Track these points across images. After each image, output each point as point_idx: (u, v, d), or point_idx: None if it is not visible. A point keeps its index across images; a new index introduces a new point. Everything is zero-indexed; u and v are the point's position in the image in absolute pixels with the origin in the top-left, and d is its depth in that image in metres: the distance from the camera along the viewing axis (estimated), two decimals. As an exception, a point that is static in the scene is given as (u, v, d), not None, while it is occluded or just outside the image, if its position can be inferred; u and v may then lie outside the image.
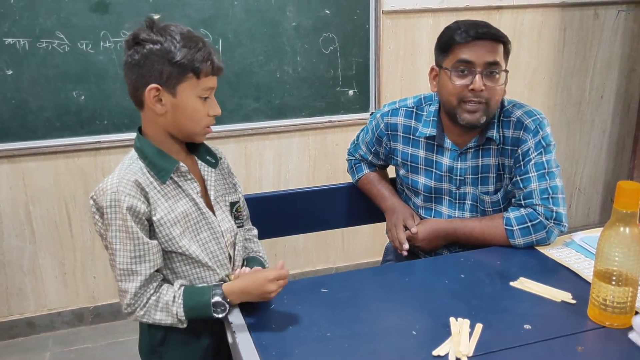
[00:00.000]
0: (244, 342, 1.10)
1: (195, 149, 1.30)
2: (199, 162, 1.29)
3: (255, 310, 1.21)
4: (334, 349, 1.07)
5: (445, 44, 1.44)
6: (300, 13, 2.41)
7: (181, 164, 1.21)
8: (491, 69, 1.39)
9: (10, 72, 2.15)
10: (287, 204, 1.77)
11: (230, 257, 1.31)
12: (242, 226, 1.37)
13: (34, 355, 2.35)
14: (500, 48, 1.41)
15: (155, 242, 1.18)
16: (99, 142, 2.30)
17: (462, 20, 1.44)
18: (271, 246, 2.70)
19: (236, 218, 1.35)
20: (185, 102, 1.17)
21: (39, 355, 2.35)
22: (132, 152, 1.23)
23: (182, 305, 1.17)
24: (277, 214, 1.75)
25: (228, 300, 1.18)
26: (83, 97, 2.24)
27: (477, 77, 1.38)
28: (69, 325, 2.52)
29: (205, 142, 1.38)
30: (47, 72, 2.18)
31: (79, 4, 2.15)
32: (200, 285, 1.25)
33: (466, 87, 1.40)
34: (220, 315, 1.17)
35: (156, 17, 2.23)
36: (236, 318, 1.19)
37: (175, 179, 1.22)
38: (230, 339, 1.18)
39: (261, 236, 1.73)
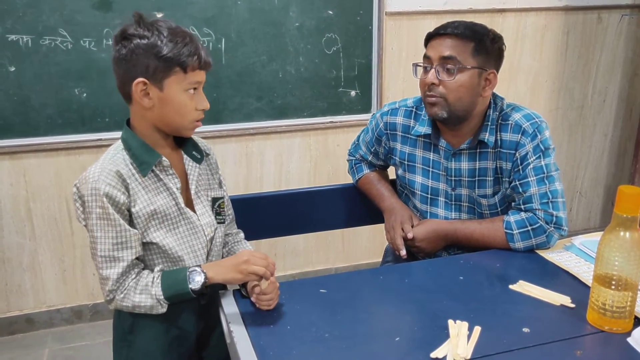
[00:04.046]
0: (241, 342, 1.10)
1: (183, 143, 1.30)
2: (185, 156, 1.30)
3: (254, 310, 1.21)
4: (332, 349, 1.07)
5: (425, 40, 1.48)
6: (303, 13, 2.41)
7: (163, 158, 1.22)
8: (446, 64, 1.40)
9: (12, 69, 2.15)
10: (288, 204, 1.77)
11: (208, 252, 1.31)
12: (222, 222, 1.36)
13: (33, 352, 2.35)
14: (467, 45, 1.40)
15: (135, 230, 1.19)
16: (101, 139, 2.30)
17: (452, 20, 1.45)
18: (271, 246, 2.70)
19: (217, 214, 1.35)
20: (172, 96, 1.17)
21: (37, 351, 2.35)
22: (118, 142, 1.24)
23: (160, 285, 1.18)
24: (277, 214, 1.75)
25: (204, 272, 1.18)
26: (85, 95, 2.24)
27: (431, 71, 1.42)
28: (68, 322, 2.52)
29: (205, 139, 1.38)
30: (49, 69, 2.18)
31: (82, 1, 2.15)
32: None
33: (424, 81, 1.44)
34: (196, 287, 1.17)
35: (159, 15, 2.24)
36: (234, 318, 1.19)
37: (157, 172, 1.22)
38: (228, 339, 1.18)
39: (261, 236, 1.73)
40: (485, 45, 1.41)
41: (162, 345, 1.27)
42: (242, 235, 1.47)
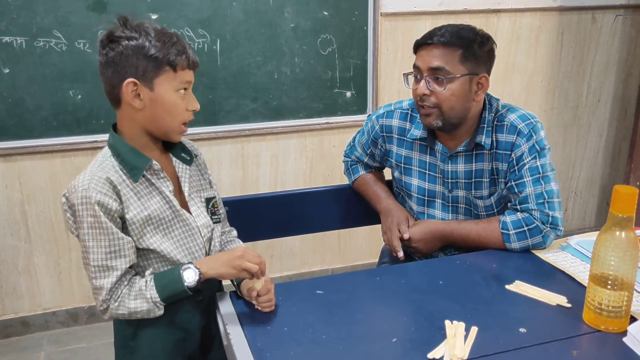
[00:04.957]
0: (238, 344, 1.10)
1: (171, 146, 1.29)
2: (174, 159, 1.29)
3: (251, 312, 1.21)
4: (329, 351, 1.07)
5: (413, 49, 1.48)
6: (298, 14, 2.41)
7: (154, 161, 1.21)
8: (435, 75, 1.40)
9: (7, 71, 2.14)
10: (284, 205, 1.76)
11: (207, 253, 1.30)
12: (218, 222, 1.36)
13: (29, 355, 2.34)
14: (454, 52, 1.39)
15: (129, 238, 1.17)
16: (96, 141, 2.30)
17: (438, 27, 1.44)
18: (267, 247, 2.70)
19: (212, 214, 1.34)
20: (163, 96, 1.17)
21: (33, 354, 2.34)
22: (105, 149, 1.22)
23: (154, 287, 1.16)
24: (273, 215, 1.75)
25: (198, 267, 1.17)
26: (80, 97, 2.23)
27: (421, 82, 1.42)
28: (64, 324, 2.51)
29: (200, 141, 1.38)
30: (44, 70, 2.17)
31: (76, 3, 2.15)
32: None
33: (416, 93, 1.44)
34: (191, 284, 1.16)
35: (154, 17, 2.23)
36: (231, 320, 1.19)
37: (148, 176, 1.21)
38: (225, 341, 1.17)
39: (257, 237, 1.73)
40: (473, 51, 1.40)
41: (166, 349, 1.26)
42: (235, 233, 1.46)
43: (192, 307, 1.27)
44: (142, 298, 1.16)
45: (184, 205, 1.27)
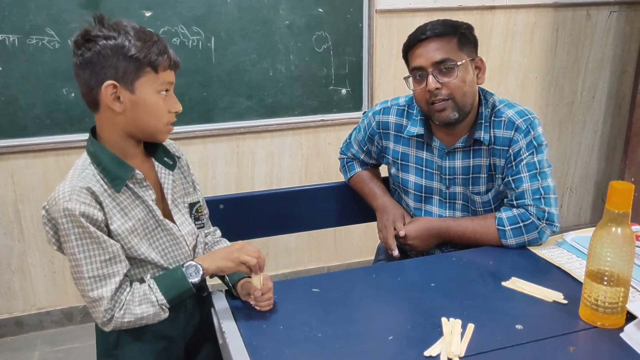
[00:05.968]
0: (234, 343, 1.09)
1: (153, 150, 1.24)
2: (156, 164, 1.24)
3: (246, 310, 1.20)
4: (325, 349, 1.06)
5: (403, 52, 1.48)
6: (293, 11, 2.40)
7: (137, 171, 1.16)
8: (442, 66, 1.40)
9: (-1, 69, 2.13)
10: (280, 203, 1.76)
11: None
12: (202, 227, 1.33)
13: (23, 355, 2.33)
14: (451, 41, 1.41)
15: (119, 244, 1.13)
16: (90, 139, 2.28)
17: (422, 24, 1.45)
18: (263, 245, 2.69)
19: (196, 219, 1.31)
20: (145, 98, 1.12)
21: (27, 354, 2.33)
22: (84, 156, 1.17)
23: (159, 289, 1.14)
24: (269, 213, 1.74)
25: (200, 263, 1.16)
26: (73, 94, 2.22)
27: (429, 78, 1.41)
28: (58, 324, 2.50)
29: (195, 139, 1.35)
30: (36, 68, 2.16)
31: (69, 0, 2.13)
32: None
33: (425, 90, 1.43)
34: (196, 280, 1.14)
35: (148, 14, 2.22)
36: (226, 318, 1.18)
37: (131, 185, 1.16)
38: (220, 339, 1.17)
39: (253, 235, 1.73)
40: (465, 36, 1.43)
41: (150, 357, 1.23)
42: (219, 233, 1.43)
43: (175, 315, 1.23)
44: (148, 302, 1.13)
45: (167, 212, 1.24)
